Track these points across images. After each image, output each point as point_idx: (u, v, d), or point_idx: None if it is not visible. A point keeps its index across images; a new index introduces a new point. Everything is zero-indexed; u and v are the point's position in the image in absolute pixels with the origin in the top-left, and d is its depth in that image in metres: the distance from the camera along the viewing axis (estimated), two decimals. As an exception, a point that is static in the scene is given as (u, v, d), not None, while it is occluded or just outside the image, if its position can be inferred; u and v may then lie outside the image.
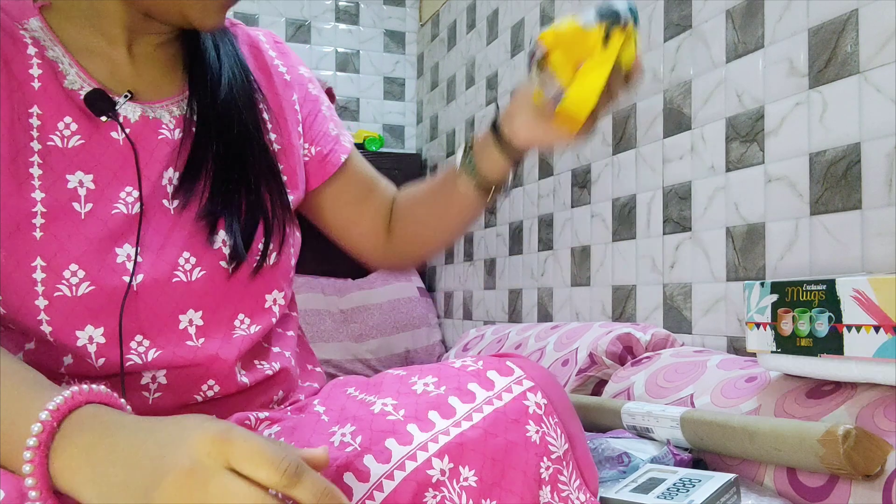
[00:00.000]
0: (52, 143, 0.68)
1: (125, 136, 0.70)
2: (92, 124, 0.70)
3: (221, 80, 0.77)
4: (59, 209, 0.67)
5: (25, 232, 0.65)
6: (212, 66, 0.77)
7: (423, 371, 0.68)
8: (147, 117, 0.72)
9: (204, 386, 0.72)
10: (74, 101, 0.69)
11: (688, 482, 0.76)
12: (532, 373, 0.66)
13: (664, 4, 1.38)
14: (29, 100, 0.68)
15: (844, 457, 0.70)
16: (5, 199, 0.65)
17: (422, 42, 2.81)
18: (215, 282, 0.72)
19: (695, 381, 1.01)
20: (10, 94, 0.67)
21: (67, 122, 0.69)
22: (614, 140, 1.52)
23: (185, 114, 0.75)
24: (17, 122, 0.66)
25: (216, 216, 0.72)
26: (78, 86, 0.70)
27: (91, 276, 0.67)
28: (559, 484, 0.63)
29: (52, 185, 0.67)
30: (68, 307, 0.66)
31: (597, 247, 1.58)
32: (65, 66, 0.70)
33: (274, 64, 0.85)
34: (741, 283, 1.17)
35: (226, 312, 0.74)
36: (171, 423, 0.48)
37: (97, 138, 0.69)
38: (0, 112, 0.66)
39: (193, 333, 0.71)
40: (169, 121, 0.74)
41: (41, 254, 0.65)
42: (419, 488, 0.57)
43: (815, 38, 1.05)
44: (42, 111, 0.68)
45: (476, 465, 0.59)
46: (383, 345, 2.29)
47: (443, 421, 0.61)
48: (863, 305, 0.74)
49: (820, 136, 1.04)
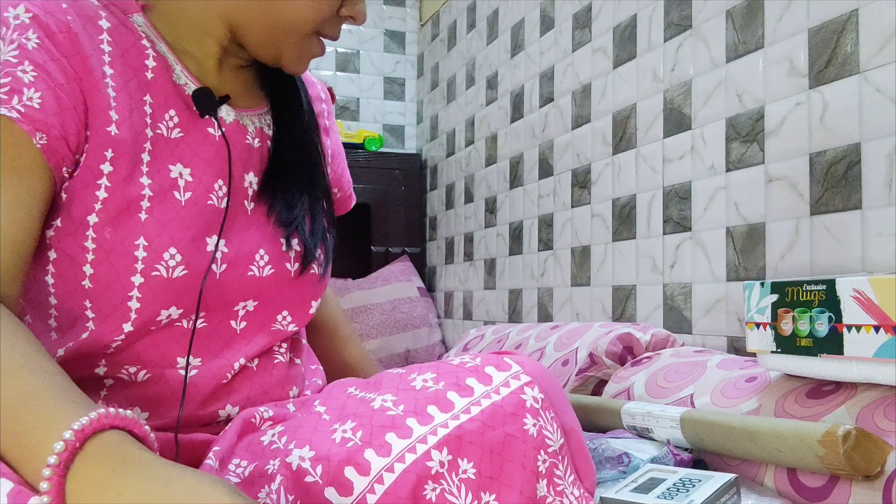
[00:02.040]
0: (159, 131, 0.72)
1: (221, 134, 0.76)
2: (192, 120, 0.74)
3: (302, 107, 0.85)
4: (162, 195, 0.71)
5: (133, 213, 0.69)
6: (293, 95, 0.85)
7: (421, 368, 0.69)
8: (238, 121, 0.79)
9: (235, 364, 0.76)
10: (180, 95, 0.74)
11: (688, 482, 0.76)
12: (529, 368, 0.67)
13: (664, 4, 1.38)
14: (143, 88, 0.72)
15: (844, 457, 0.70)
16: (121, 182, 0.69)
17: (422, 42, 2.81)
18: (279, 281, 0.79)
19: (695, 381, 1.01)
20: (127, 81, 0.71)
21: (172, 114, 0.73)
22: (614, 140, 1.52)
23: (262, 127, 0.82)
24: (135, 108, 0.70)
25: (292, 224, 0.80)
26: (183, 81, 0.75)
27: (186, 260, 0.71)
28: (555, 478, 0.63)
29: (157, 173, 0.71)
30: (161, 287, 0.70)
31: (597, 247, 1.58)
32: (172, 62, 0.75)
33: (322, 107, 0.94)
34: (741, 283, 1.17)
35: (275, 307, 0.80)
36: (187, 480, 0.48)
37: (195, 133, 0.74)
38: (120, 100, 0.69)
39: (240, 316, 0.77)
40: (252, 130, 0.80)
41: (144, 234, 0.69)
42: (419, 480, 0.58)
43: (815, 38, 1.06)
44: (153, 100, 0.72)
45: (475, 458, 0.60)
46: (383, 345, 2.29)
47: (441, 414, 0.62)
48: (863, 305, 0.75)
49: (820, 136, 1.04)
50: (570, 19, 1.71)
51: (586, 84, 1.64)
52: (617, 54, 1.52)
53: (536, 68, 1.87)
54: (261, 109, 0.83)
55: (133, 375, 0.72)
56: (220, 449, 0.67)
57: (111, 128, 0.68)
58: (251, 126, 0.80)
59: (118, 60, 0.70)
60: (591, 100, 1.62)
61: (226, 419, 0.75)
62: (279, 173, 0.81)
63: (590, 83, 1.63)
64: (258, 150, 0.81)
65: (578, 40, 1.68)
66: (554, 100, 1.78)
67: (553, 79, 1.79)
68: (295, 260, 0.80)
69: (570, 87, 1.71)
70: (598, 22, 1.60)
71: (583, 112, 1.65)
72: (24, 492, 0.48)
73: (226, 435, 0.69)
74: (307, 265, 0.80)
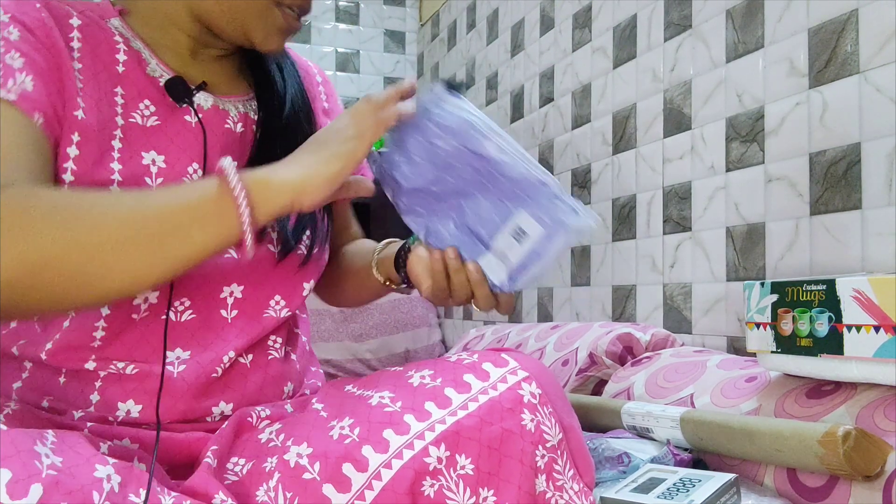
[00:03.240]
0: (133, 120, 0.73)
1: (198, 120, 0.77)
2: (168, 109, 0.76)
3: (287, 93, 0.84)
4: (133, 181, 0.71)
5: None
6: (276, 79, 0.85)
7: (419, 366, 0.69)
8: (217, 107, 0.79)
9: (225, 358, 0.75)
10: (155, 86, 0.76)
11: (688, 482, 0.76)
12: (526, 364, 0.68)
13: (664, 4, 1.38)
14: (114, 80, 0.74)
15: (844, 458, 0.70)
16: (89, 167, 0.69)
17: (422, 42, 2.81)
18: (262, 264, 0.78)
19: (695, 381, 1.01)
20: (96, 73, 0.73)
21: (147, 104, 0.75)
22: (614, 140, 1.52)
23: (247, 112, 0.82)
24: (103, 98, 0.72)
25: None
26: (158, 74, 0.76)
27: None
28: (554, 473, 0.64)
29: (129, 160, 0.72)
30: None
31: (597, 247, 1.58)
32: (146, 56, 0.77)
33: (318, 90, 0.93)
34: (741, 283, 1.17)
35: (265, 292, 0.79)
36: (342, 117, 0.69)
37: (172, 121, 0.75)
38: (87, 90, 0.71)
39: (230, 304, 0.76)
40: (234, 115, 0.80)
41: None
42: (417, 477, 0.58)
43: (815, 38, 1.05)
44: (125, 91, 0.74)
45: (472, 454, 0.60)
46: (383, 345, 2.29)
47: (439, 411, 0.62)
48: (863, 305, 0.74)
49: (820, 136, 1.04)
50: (570, 19, 1.71)
51: (586, 84, 1.64)
52: (617, 54, 1.52)
53: (536, 68, 1.87)
54: (246, 96, 0.83)
55: (122, 370, 0.71)
56: (217, 447, 0.67)
57: (78, 112, 0.69)
58: (233, 111, 0.80)
59: (87, 56, 0.72)
60: (590, 100, 1.62)
61: (220, 418, 0.75)
62: (262, 158, 0.79)
63: (590, 83, 1.63)
64: (241, 134, 0.80)
65: (578, 40, 1.68)
66: (554, 100, 1.78)
67: (553, 79, 1.79)
68: (277, 243, 0.79)
69: (569, 87, 1.71)
70: (597, 22, 1.60)
71: (583, 112, 1.65)
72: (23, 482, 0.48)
73: (223, 433, 0.69)
74: (288, 248, 0.79)
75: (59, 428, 0.61)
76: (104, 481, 0.53)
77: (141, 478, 0.57)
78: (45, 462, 0.50)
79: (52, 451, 0.52)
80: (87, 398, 0.71)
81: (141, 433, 0.69)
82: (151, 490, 0.56)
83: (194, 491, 0.61)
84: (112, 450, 0.64)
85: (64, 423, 0.68)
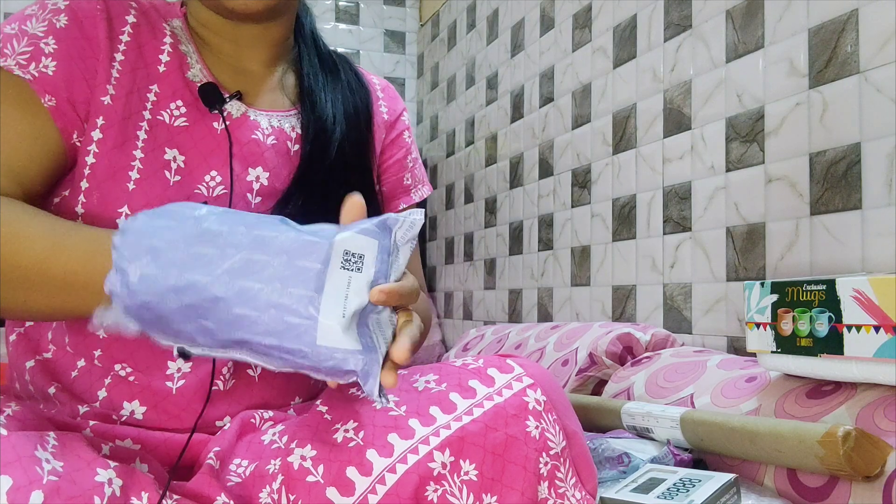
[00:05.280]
0: (160, 118, 0.75)
1: (224, 128, 0.77)
2: (198, 113, 0.77)
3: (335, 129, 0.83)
4: (152, 172, 0.73)
5: (120, 181, 0.71)
6: (319, 98, 0.84)
7: (423, 370, 0.69)
8: (248, 116, 0.80)
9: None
10: (191, 89, 0.78)
11: (688, 482, 0.76)
12: (531, 370, 0.67)
13: (664, 4, 1.38)
14: (152, 79, 0.76)
15: (844, 458, 0.70)
16: (110, 149, 0.72)
17: (422, 42, 2.81)
18: None
19: (695, 381, 1.01)
20: (135, 69, 0.75)
21: (178, 104, 0.77)
22: (614, 140, 1.52)
23: (282, 126, 0.82)
24: (135, 92, 0.75)
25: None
26: (198, 78, 0.78)
27: None
28: (556, 480, 0.63)
29: (151, 151, 0.73)
30: None
31: (597, 247, 1.58)
32: (192, 60, 0.79)
33: (378, 104, 0.92)
34: (741, 283, 1.17)
35: None
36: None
37: (199, 125, 0.77)
38: (122, 80, 0.74)
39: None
40: (266, 127, 0.80)
41: (129, 203, 0.71)
42: (421, 481, 0.58)
43: (815, 38, 1.06)
44: (160, 90, 0.76)
45: (476, 459, 0.60)
46: (383, 345, 2.28)
47: (444, 416, 0.62)
48: (863, 305, 0.75)
49: (820, 136, 1.04)
50: (570, 19, 1.71)
51: (586, 84, 1.64)
52: (617, 54, 1.52)
53: (536, 68, 1.87)
54: (286, 112, 0.83)
55: (124, 373, 0.71)
56: (220, 449, 0.67)
57: (105, 98, 0.72)
58: (265, 123, 0.80)
59: (132, 51, 0.76)
60: (591, 100, 1.62)
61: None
62: (301, 178, 0.81)
63: (590, 83, 1.63)
64: (272, 146, 0.80)
65: (578, 40, 1.68)
66: (554, 100, 1.78)
67: (553, 79, 1.79)
68: None
69: (570, 87, 1.71)
70: (598, 22, 1.60)
71: (583, 112, 1.65)
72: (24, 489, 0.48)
73: (225, 434, 0.69)
74: None
75: (60, 428, 0.61)
76: (105, 486, 0.53)
77: (143, 481, 0.57)
78: (45, 468, 0.50)
79: (53, 456, 0.52)
80: (94, 393, 0.71)
81: (143, 434, 0.69)
82: (153, 494, 0.56)
83: (196, 493, 0.61)
84: (114, 451, 0.64)
85: (65, 421, 0.68)
